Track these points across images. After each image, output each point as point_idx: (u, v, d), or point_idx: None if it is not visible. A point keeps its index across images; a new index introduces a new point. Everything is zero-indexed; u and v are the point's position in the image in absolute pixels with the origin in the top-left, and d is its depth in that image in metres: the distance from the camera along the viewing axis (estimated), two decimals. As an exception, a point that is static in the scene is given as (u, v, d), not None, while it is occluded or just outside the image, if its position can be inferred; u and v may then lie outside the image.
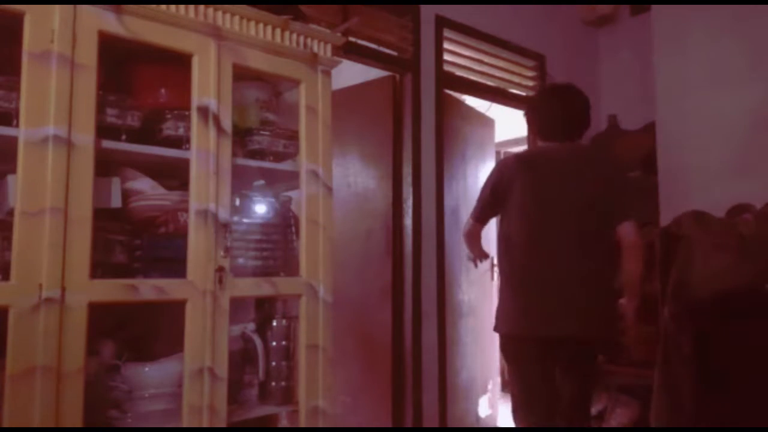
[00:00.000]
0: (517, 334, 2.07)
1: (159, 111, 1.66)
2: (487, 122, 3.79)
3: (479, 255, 2.38)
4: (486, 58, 3.40)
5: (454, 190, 3.24)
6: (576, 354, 2.09)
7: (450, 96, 3.27)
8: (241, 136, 1.80)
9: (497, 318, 2.17)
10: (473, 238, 2.31)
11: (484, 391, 3.49)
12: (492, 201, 2.17)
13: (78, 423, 1.36)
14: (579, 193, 2.05)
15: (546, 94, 2.39)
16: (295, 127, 1.86)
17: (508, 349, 2.15)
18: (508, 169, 2.14)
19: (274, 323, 1.85)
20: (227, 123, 1.66)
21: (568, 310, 1.99)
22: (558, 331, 2.00)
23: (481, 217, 2.24)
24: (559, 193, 2.06)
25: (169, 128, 1.64)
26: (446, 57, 3.15)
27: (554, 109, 2.16)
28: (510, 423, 2.27)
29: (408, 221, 2.91)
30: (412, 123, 2.94)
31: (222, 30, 1.66)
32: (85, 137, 1.42)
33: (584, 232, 2.04)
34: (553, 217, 2.05)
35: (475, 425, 3.37)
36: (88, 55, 1.44)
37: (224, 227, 1.62)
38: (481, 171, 3.57)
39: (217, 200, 1.62)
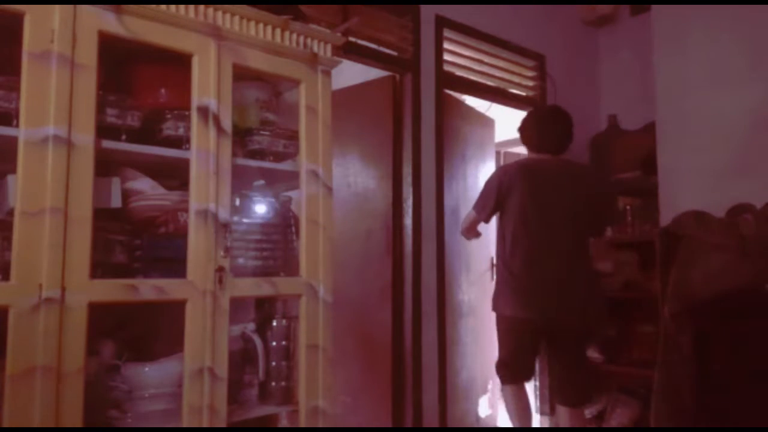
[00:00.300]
0: (518, 316, 2.39)
1: (159, 111, 1.66)
2: (487, 122, 3.79)
3: (475, 237, 2.78)
4: (486, 58, 3.40)
5: (454, 190, 3.24)
6: (569, 335, 2.43)
7: (450, 96, 3.27)
8: (241, 136, 1.80)
9: (496, 301, 2.51)
10: (472, 229, 2.68)
11: (484, 391, 3.49)
12: (495, 201, 2.49)
13: (78, 423, 1.36)
14: (571, 201, 2.43)
15: (540, 114, 2.69)
16: (295, 127, 1.86)
17: (506, 326, 2.48)
18: (510, 175, 2.47)
19: (274, 323, 1.85)
20: (227, 123, 1.66)
21: (563, 300, 2.34)
22: (555, 317, 2.35)
23: (483, 214, 2.56)
24: (554, 200, 2.41)
25: (169, 128, 1.64)
26: (446, 57, 3.15)
27: (548, 127, 2.54)
28: (508, 423, 2.61)
29: (408, 221, 2.91)
30: (412, 123, 2.94)
31: (222, 30, 1.66)
32: (85, 137, 1.42)
33: (575, 234, 2.42)
34: (550, 220, 2.39)
35: (475, 425, 3.37)
36: (88, 55, 1.44)
37: (224, 227, 1.62)
38: (481, 171, 3.57)
39: (217, 200, 1.62)
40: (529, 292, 2.36)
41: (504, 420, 3.58)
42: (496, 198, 2.47)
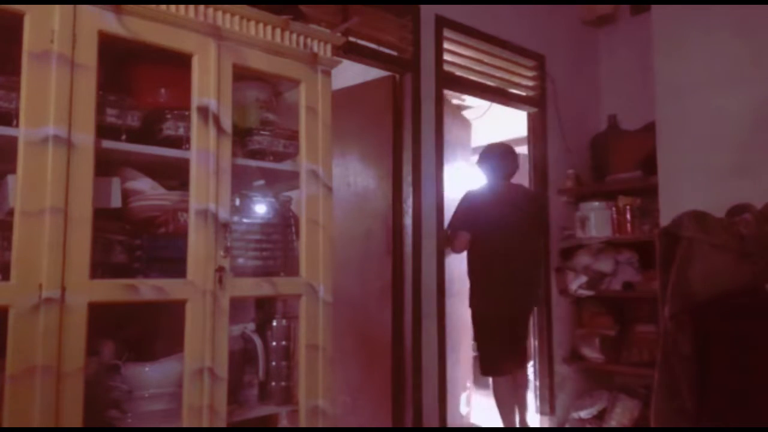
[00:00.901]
0: (488, 311, 3.05)
1: (159, 111, 1.66)
2: (464, 123, 3.83)
3: (463, 250, 3.23)
4: (486, 58, 3.40)
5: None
6: (522, 317, 3.16)
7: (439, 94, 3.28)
8: (241, 136, 1.80)
9: (471, 301, 3.10)
10: (466, 245, 3.12)
11: (464, 389, 3.53)
12: (474, 218, 3.05)
13: (78, 423, 1.36)
14: (525, 218, 3.13)
15: (496, 152, 3.27)
16: (295, 127, 1.86)
17: (480, 319, 3.08)
18: (481, 197, 3.13)
19: (274, 323, 1.85)
20: (227, 123, 1.66)
21: (519, 294, 3.07)
22: (512, 306, 3.07)
23: (471, 230, 3.07)
24: (514, 217, 3.08)
25: (169, 128, 1.64)
26: (446, 57, 3.15)
27: (505, 162, 3.20)
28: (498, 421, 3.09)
29: (408, 221, 2.91)
30: (412, 123, 2.94)
31: (222, 30, 1.66)
32: (85, 137, 1.42)
33: (528, 244, 3.14)
34: (511, 234, 3.04)
35: (459, 424, 3.38)
36: (88, 55, 1.44)
37: (224, 227, 1.62)
38: (462, 171, 3.61)
39: (217, 200, 1.62)
40: (496, 287, 3.02)
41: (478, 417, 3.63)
42: (475, 215, 3.05)
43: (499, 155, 3.24)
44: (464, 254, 3.18)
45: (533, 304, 3.27)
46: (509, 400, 3.05)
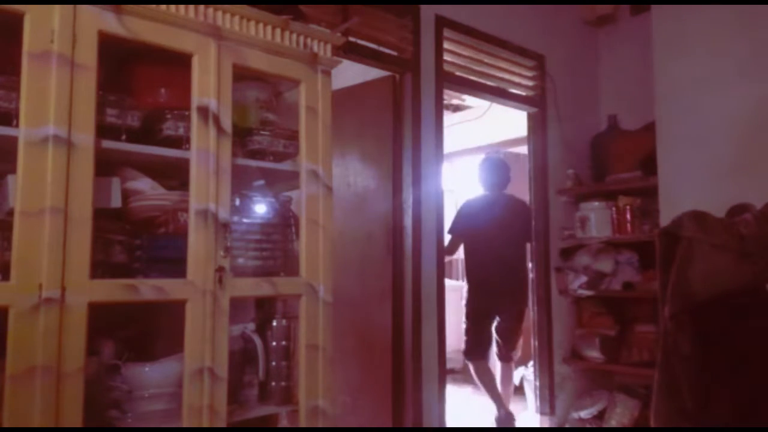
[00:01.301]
0: (479, 306, 3.65)
1: (159, 111, 1.66)
2: None
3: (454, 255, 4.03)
4: (486, 58, 3.40)
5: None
6: (510, 313, 3.66)
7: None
8: (241, 136, 1.80)
9: (467, 298, 3.75)
10: (456, 250, 3.82)
11: None
12: (468, 225, 3.64)
13: (78, 423, 1.36)
14: (512, 225, 3.63)
15: (490, 165, 3.83)
16: (295, 127, 1.86)
17: (472, 314, 3.69)
18: (475, 206, 3.74)
19: (274, 323, 1.85)
20: (227, 123, 1.66)
21: (506, 293, 3.61)
22: (501, 304, 3.63)
23: (463, 236, 3.71)
24: (503, 225, 3.60)
25: (169, 128, 1.64)
26: (446, 57, 3.15)
27: (497, 174, 3.78)
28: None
29: (408, 221, 2.91)
30: (412, 123, 2.94)
31: (222, 30, 1.66)
32: (85, 137, 1.42)
33: (515, 249, 3.65)
34: (500, 240, 3.55)
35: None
36: (88, 55, 1.44)
37: (224, 227, 1.62)
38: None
39: (217, 200, 1.62)
40: (486, 286, 3.54)
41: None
42: (470, 223, 3.59)
43: (491, 169, 3.77)
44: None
45: (521, 304, 3.67)
46: (483, 374, 3.62)
